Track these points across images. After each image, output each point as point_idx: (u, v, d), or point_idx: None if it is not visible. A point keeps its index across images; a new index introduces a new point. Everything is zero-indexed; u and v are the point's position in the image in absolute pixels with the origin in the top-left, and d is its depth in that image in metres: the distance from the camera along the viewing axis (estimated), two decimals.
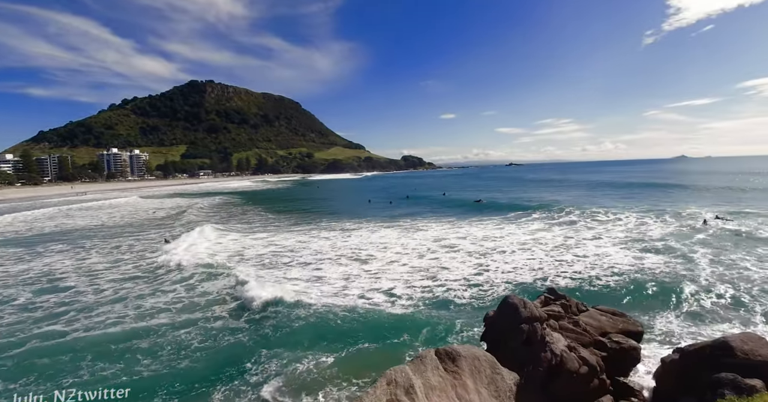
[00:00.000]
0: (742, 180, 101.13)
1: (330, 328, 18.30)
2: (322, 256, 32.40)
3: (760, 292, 21.34)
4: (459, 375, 8.95)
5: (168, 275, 28.14)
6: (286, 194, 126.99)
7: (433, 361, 9.12)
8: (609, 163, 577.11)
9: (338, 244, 37.20)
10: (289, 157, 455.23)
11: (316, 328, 18.36)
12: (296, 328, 18.54)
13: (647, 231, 38.66)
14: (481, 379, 9.03)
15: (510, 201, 71.83)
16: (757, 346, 10.09)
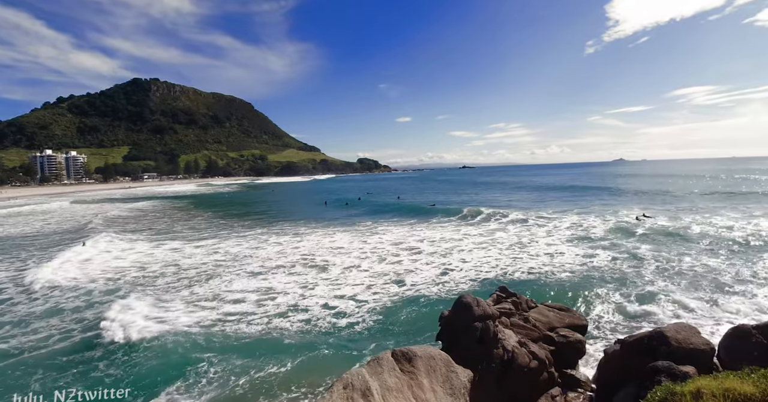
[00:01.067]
0: (666, 183, 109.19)
1: (279, 341, 17.85)
2: (272, 264, 31.24)
3: (689, 284, 23.21)
4: (415, 375, 9.01)
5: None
6: (238, 198, 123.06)
7: (390, 363, 9.13)
8: (555, 166, 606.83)
9: (289, 250, 36.34)
10: (241, 159, 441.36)
11: (260, 343, 17.76)
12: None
13: (590, 229, 41.12)
14: (437, 377, 9.13)
15: (464, 203, 73.96)
16: (689, 335, 10.91)
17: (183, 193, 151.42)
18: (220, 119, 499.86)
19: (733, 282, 23.38)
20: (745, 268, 25.64)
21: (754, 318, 17.96)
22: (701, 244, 32.95)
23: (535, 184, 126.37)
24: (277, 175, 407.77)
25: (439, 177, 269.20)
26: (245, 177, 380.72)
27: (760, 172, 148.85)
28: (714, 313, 19.25)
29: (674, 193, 76.23)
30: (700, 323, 17.73)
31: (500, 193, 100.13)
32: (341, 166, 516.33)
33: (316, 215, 63.96)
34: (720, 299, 20.86)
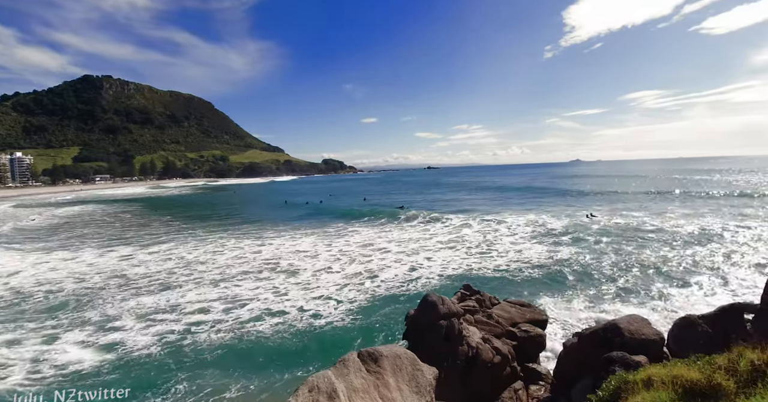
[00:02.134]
0: (617, 183, 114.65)
1: (252, 348, 17.61)
2: (235, 270, 30.28)
3: (640, 277, 24.54)
4: (381, 375, 9.02)
5: None
6: (198, 200, 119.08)
7: (356, 364, 9.10)
8: (516, 167, 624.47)
9: (251, 255, 35.57)
10: (201, 160, 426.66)
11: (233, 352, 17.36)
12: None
13: (546, 227, 42.65)
14: (403, 376, 9.18)
15: (431, 204, 75.41)
16: (641, 326, 11.50)
17: (132, 197, 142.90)
18: (178, 118, 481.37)
19: (680, 275, 24.88)
20: (691, 262, 27.35)
21: (698, 309, 19.15)
22: (649, 240, 34.85)
23: (496, 185, 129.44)
24: (239, 176, 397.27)
25: (404, 178, 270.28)
26: (205, 178, 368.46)
27: (702, 172, 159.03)
28: (663, 304, 20.44)
29: (623, 193, 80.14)
30: (650, 314, 18.86)
31: (465, 193, 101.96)
32: (306, 167, 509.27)
33: (279, 218, 62.40)
34: (669, 291, 22.19)
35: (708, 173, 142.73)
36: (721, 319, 12.00)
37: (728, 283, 22.99)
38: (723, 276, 24.26)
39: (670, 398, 4.69)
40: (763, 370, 4.62)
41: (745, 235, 34.45)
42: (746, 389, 4.48)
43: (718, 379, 4.70)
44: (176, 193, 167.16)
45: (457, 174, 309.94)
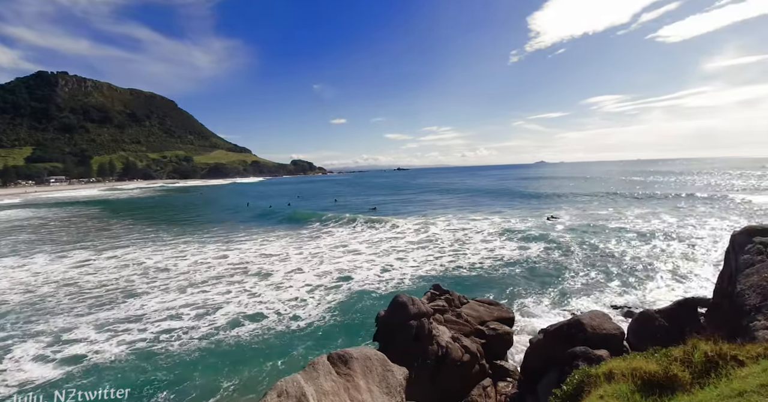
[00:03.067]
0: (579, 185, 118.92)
1: (226, 353, 17.24)
2: (201, 276, 29.39)
3: (600, 275, 25.48)
4: (352, 377, 8.95)
5: None
6: (160, 203, 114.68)
7: (326, 367, 9.00)
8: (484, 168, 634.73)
9: (218, 259, 34.73)
10: (164, 160, 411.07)
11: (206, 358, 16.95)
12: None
13: (513, 229, 43.59)
14: (373, 377, 9.15)
15: (402, 205, 75.60)
16: (602, 322, 11.93)
17: (89, 199, 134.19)
18: (138, 117, 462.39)
19: (639, 272, 25.99)
20: (649, 259, 28.62)
21: (655, 304, 20.07)
22: (610, 238, 36.24)
23: (466, 187, 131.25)
24: (204, 177, 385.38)
25: (375, 179, 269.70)
26: (169, 180, 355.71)
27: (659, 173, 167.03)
28: (623, 300, 21.30)
29: (586, 194, 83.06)
30: (612, 310, 19.64)
31: (435, 195, 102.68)
32: (274, 168, 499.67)
33: (245, 222, 60.80)
34: (628, 287, 23.17)
35: (664, 175, 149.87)
36: (677, 313, 12.62)
37: (683, 279, 24.21)
38: (678, 272, 25.51)
39: (630, 390, 4.87)
40: (716, 361, 4.87)
41: (699, 233, 36.37)
42: (701, 379, 4.72)
43: (674, 370, 4.92)
44: (136, 195, 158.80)
45: (426, 175, 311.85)
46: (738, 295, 9.42)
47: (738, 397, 4.03)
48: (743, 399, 3.97)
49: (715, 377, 4.66)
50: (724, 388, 4.32)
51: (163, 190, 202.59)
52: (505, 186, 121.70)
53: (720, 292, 11.35)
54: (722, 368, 4.77)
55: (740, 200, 59.26)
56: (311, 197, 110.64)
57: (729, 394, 4.14)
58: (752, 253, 10.17)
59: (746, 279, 9.53)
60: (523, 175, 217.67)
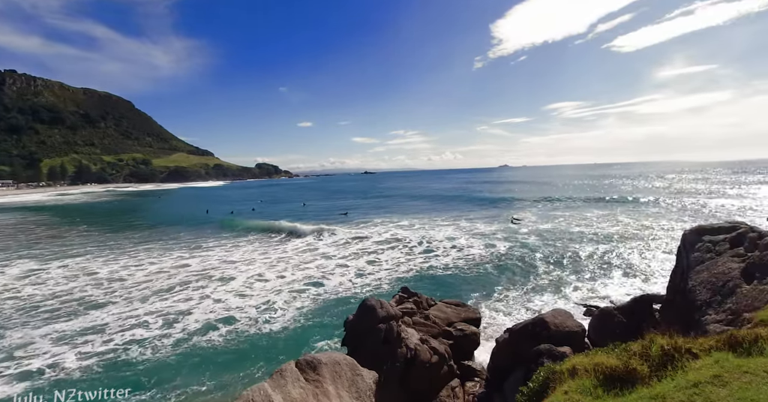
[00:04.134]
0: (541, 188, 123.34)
1: (198, 360, 16.69)
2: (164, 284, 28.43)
3: (562, 273, 26.37)
4: (320, 383, 8.81)
5: None
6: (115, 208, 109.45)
7: (294, 373, 8.81)
8: (451, 172, 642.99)
9: (180, 269, 33.57)
10: (120, 164, 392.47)
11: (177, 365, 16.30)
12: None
13: (478, 231, 44.66)
14: (342, 382, 9.04)
15: (372, 209, 75.56)
16: (564, 319, 12.29)
17: (37, 204, 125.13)
18: (93, 118, 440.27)
19: (599, 270, 27.08)
20: (608, 258, 29.86)
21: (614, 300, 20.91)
22: (571, 239, 37.58)
23: (433, 190, 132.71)
24: (164, 181, 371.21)
25: (343, 182, 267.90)
26: (125, 184, 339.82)
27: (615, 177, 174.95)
28: (584, 298, 22.10)
29: (547, 196, 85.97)
30: (575, 307, 20.33)
31: (403, 198, 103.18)
32: (238, 171, 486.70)
33: (207, 227, 58.77)
34: (589, 285, 24.09)
35: (620, 178, 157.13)
36: (634, 310, 13.18)
37: (639, 276, 25.41)
38: (635, 270, 26.76)
39: (592, 385, 5.02)
40: (672, 354, 5.11)
41: (652, 233, 38.29)
42: (658, 372, 4.93)
43: (633, 364, 5.12)
44: (90, 200, 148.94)
45: (394, 179, 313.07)
46: (690, 291, 9.94)
47: (693, 388, 4.23)
48: (698, 389, 4.17)
49: (672, 370, 4.89)
50: (680, 380, 4.54)
51: (119, 194, 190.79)
52: (471, 189, 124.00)
53: (673, 289, 11.93)
54: (678, 361, 5.00)
55: (690, 202, 62.94)
56: (278, 202, 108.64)
57: (685, 386, 4.34)
58: (702, 251, 10.77)
59: (697, 276, 10.08)
60: (488, 178, 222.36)
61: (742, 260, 9.28)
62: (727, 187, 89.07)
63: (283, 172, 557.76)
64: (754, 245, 9.56)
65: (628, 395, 4.62)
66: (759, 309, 6.91)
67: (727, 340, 5.20)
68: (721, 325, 7.87)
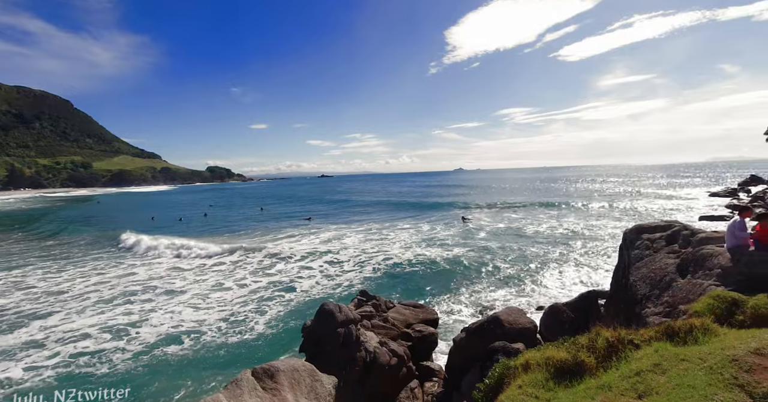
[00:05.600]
0: (494, 190, 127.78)
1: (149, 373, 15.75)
2: (108, 294, 26.88)
3: (515, 271, 27.30)
4: (278, 391, 8.61)
5: None
6: (51, 215, 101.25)
7: (250, 383, 8.56)
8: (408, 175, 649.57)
9: (122, 279, 31.84)
10: (57, 167, 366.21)
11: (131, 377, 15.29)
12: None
13: (438, 232, 45.52)
14: (301, 389, 8.88)
15: (333, 213, 74.93)
16: (517, 317, 12.73)
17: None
18: (26, 118, 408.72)
19: (549, 268, 28.24)
20: (557, 256, 31.23)
21: (563, 297, 21.87)
22: (523, 239, 39.05)
23: (390, 193, 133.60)
24: (106, 185, 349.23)
25: (300, 186, 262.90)
26: (63, 188, 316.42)
27: (562, 179, 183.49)
28: (536, 295, 23.00)
29: (500, 199, 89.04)
30: (529, 305, 21.11)
31: (361, 201, 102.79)
32: (187, 175, 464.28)
33: (152, 235, 54.36)
34: (540, 282, 25.09)
35: (568, 181, 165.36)
36: (581, 305, 13.86)
37: (586, 273, 26.75)
38: (582, 267, 28.15)
39: (544, 378, 5.23)
40: (616, 346, 5.42)
41: (597, 233, 40.48)
42: (604, 363, 5.22)
43: (581, 356, 5.38)
44: (22, 206, 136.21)
45: (351, 182, 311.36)
46: (631, 286, 10.58)
47: (636, 376, 4.51)
48: (640, 377, 4.45)
49: (616, 360, 5.18)
50: (624, 370, 4.82)
51: (54, 200, 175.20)
52: (428, 192, 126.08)
53: (616, 284, 12.66)
54: (621, 352, 5.31)
55: (630, 202, 67.20)
56: (233, 206, 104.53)
57: (628, 374, 4.62)
58: (641, 249, 11.50)
59: (637, 271, 10.75)
60: (444, 181, 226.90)
61: (677, 256, 9.99)
62: (663, 188, 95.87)
63: (236, 175, 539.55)
64: (687, 242, 10.32)
65: (578, 386, 4.85)
66: (693, 301, 7.45)
67: (665, 331, 5.58)
68: (659, 317, 8.42)
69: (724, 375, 4.00)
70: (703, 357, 4.47)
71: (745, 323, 5.87)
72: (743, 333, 5.10)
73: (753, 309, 6.13)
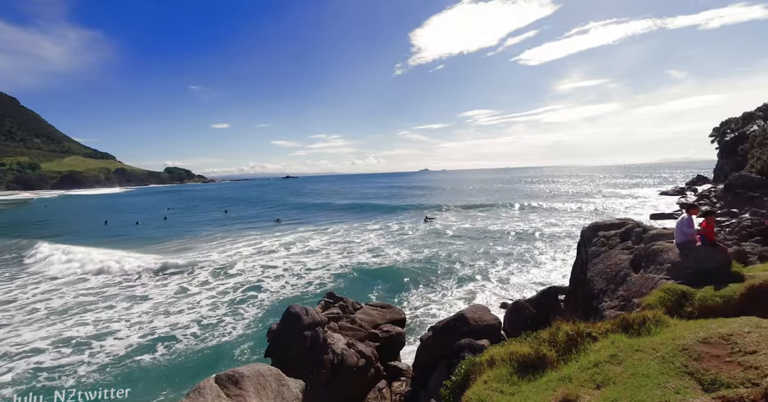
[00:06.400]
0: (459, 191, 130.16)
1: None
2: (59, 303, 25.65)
3: (479, 269, 27.86)
4: (244, 397, 8.40)
5: None
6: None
7: (214, 390, 8.30)
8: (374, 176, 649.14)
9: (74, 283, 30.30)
10: (2, 168, 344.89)
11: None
12: None
13: (405, 231, 45.85)
14: (267, 394, 8.70)
15: (301, 214, 73.77)
16: (483, 314, 12.97)
17: None
18: None
19: (512, 266, 28.98)
20: (519, 255, 32.09)
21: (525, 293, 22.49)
22: (487, 238, 39.92)
23: (357, 194, 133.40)
24: (56, 187, 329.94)
25: (265, 187, 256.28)
26: (7, 191, 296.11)
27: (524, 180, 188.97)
28: (500, 292, 23.54)
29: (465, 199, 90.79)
30: (495, 302, 21.57)
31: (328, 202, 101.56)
32: (144, 176, 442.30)
33: (107, 240, 52.39)
34: (503, 280, 25.71)
35: (529, 181, 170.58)
36: (543, 301, 14.30)
37: (547, 270, 27.65)
38: (543, 264, 29.09)
39: (509, 373, 5.35)
40: (576, 339, 5.62)
41: (557, 231, 41.94)
42: (564, 356, 5.40)
43: (543, 350, 5.54)
44: None
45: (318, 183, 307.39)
46: (588, 281, 11.00)
47: (594, 367, 4.68)
48: (598, 368, 4.62)
49: (576, 353, 5.37)
50: (583, 361, 5.00)
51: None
52: (395, 193, 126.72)
53: (574, 280, 13.13)
54: (581, 344, 5.51)
55: (588, 201, 70.06)
56: (193, 209, 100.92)
57: (587, 366, 4.79)
58: (598, 245, 11.98)
59: (594, 267, 11.18)
60: (411, 182, 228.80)
61: (630, 252, 10.47)
62: (618, 188, 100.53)
63: (197, 176, 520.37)
64: (639, 239, 10.83)
65: (540, 379, 4.99)
66: (645, 294, 7.83)
67: (621, 323, 5.83)
68: (615, 310, 8.80)
69: (675, 363, 4.21)
70: (656, 347, 4.70)
71: (694, 314, 6.22)
72: (692, 323, 5.40)
73: (700, 301, 6.52)
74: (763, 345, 4.09)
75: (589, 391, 4.30)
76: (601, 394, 4.09)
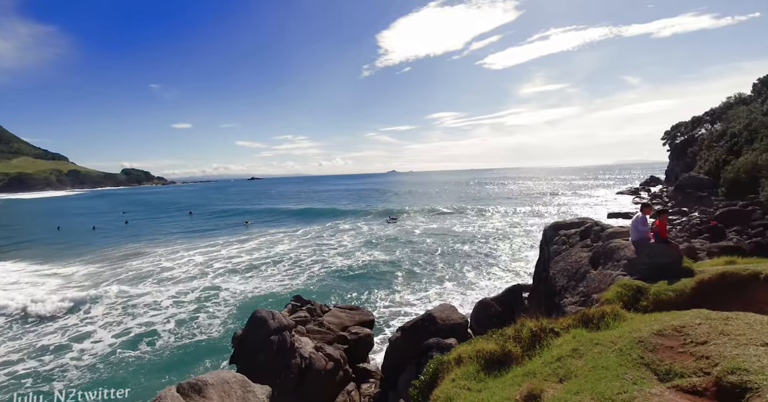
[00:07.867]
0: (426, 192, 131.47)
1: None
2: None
3: (446, 269, 28.24)
4: None
5: None
6: None
7: (175, 399, 7.98)
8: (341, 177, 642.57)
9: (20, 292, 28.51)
10: None
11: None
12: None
13: (373, 232, 45.84)
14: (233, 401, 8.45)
15: (270, 217, 72.11)
16: (450, 313, 13.13)
17: None
18: None
19: (477, 265, 29.54)
20: (485, 254, 32.75)
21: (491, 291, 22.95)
22: (454, 238, 40.50)
23: (325, 196, 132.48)
24: (2, 190, 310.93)
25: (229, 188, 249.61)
26: None
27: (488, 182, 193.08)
28: (467, 291, 23.94)
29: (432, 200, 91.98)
30: (463, 301, 21.86)
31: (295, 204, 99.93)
32: (99, 178, 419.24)
33: (63, 246, 49.82)
34: (469, 279, 26.16)
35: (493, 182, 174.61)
36: (508, 299, 14.61)
37: (511, 268, 28.33)
38: (508, 262, 29.79)
39: (476, 370, 5.42)
40: (539, 334, 5.76)
41: (520, 230, 43.09)
42: (529, 351, 5.53)
43: (508, 347, 5.65)
44: None
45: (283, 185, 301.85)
46: (551, 278, 11.33)
47: (557, 362, 4.81)
48: (561, 363, 4.76)
49: (540, 348, 5.51)
50: (547, 356, 5.13)
51: None
52: (362, 195, 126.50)
53: (537, 277, 13.49)
54: (544, 340, 5.66)
55: (549, 202, 72.38)
56: (154, 212, 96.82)
57: (550, 361, 4.92)
58: (559, 244, 12.37)
59: (555, 265, 11.53)
60: (378, 183, 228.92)
61: (589, 250, 10.85)
62: (577, 189, 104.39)
63: (156, 178, 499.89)
64: (598, 237, 11.25)
65: (506, 375, 5.08)
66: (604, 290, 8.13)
67: (581, 318, 6.02)
68: (576, 306, 9.09)
69: (632, 356, 4.38)
70: (614, 340, 4.88)
71: (649, 308, 6.51)
72: (647, 317, 5.64)
73: (655, 295, 6.82)
74: (713, 336, 4.32)
75: (552, 384, 4.41)
76: (564, 387, 4.20)
